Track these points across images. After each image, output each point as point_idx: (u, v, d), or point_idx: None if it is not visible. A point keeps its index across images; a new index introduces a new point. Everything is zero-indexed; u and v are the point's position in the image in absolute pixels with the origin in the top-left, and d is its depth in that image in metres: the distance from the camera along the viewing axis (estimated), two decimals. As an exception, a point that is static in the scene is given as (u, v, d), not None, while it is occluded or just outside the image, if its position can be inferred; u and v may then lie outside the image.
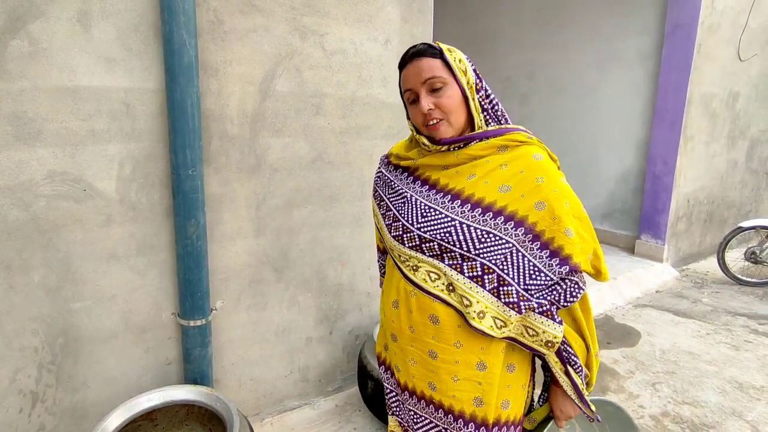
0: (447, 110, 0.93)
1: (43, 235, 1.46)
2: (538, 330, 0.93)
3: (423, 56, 0.93)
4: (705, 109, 4.17)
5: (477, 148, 0.96)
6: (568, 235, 0.90)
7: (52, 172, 1.45)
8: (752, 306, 3.56)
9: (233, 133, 1.75)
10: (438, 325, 0.96)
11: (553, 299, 0.93)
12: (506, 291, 0.91)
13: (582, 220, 0.94)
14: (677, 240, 4.36)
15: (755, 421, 2.15)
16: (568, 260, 0.90)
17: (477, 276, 0.92)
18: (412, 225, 0.97)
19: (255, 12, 1.71)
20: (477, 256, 0.91)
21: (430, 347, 0.99)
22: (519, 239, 0.91)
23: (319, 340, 2.15)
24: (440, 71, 0.93)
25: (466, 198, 0.94)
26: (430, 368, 1.00)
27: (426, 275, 0.97)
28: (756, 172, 5.10)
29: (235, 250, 1.85)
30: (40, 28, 1.36)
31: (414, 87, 0.94)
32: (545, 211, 0.90)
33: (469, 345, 0.95)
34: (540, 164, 0.93)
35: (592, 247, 0.94)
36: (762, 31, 4.49)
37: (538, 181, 0.91)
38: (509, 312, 0.91)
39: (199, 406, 1.60)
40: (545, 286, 0.92)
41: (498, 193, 0.92)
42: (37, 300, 1.48)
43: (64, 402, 1.58)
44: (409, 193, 1.01)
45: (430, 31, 2.21)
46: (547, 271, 0.91)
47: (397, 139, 2.19)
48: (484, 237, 0.91)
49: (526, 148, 0.96)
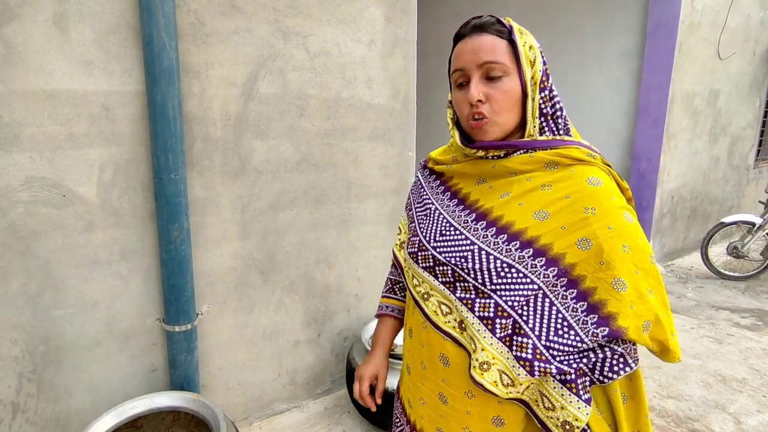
0: (499, 107, 0.75)
1: (21, 242, 1.43)
2: (555, 403, 0.73)
3: (486, 32, 0.75)
4: (687, 107, 4.24)
5: (519, 160, 0.78)
6: (617, 288, 0.69)
7: (30, 178, 1.42)
8: (735, 300, 3.62)
9: (216, 136, 1.74)
10: (448, 367, 0.81)
11: (584, 368, 0.72)
12: (520, 343, 0.73)
13: (648, 273, 0.72)
14: (662, 236, 4.43)
15: (737, 413, 2.19)
16: (611, 321, 0.69)
17: (488, 317, 0.75)
18: (428, 243, 0.84)
19: (237, 13, 1.70)
20: (492, 293, 0.75)
21: (440, 390, 0.83)
22: (548, 281, 0.72)
23: (307, 343, 2.14)
24: (503, 56, 0.74)
25: (493, 220, 0.78)
26: (440, 413, 0.85)
27: (437, 307, 0.82)
28: (737, 167, 5.20)
29: (220, 253, 1.83)
30: (14, 31, 1.33)
31: (466, 67, 0.76)
32: (590, 252, 0.70)
33: (483, 397, 0.78)
34: (595, 191, 0.73)
35: (653, 312, 0.71)
36: (740, 30, 4.58)
37: (588, 212, 0.71)
38: (519, 369, 0.72)
39: (186, 412, 1.58)
40: (574, 348, 0.71)
41: (531, 219, 0.74)
42: (16, 308, 1.45)
43: (46, 412, 1.55)
44: (435, 205, 0.88)
45: (414, 31, 2.21)
46: (580, 330, 0.71)
47: (383, 141, 2.19)
48: (505, 271, 0.74)
49: (582, 168, 0.76)
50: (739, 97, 4.87)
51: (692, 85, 4.21)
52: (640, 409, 0.78)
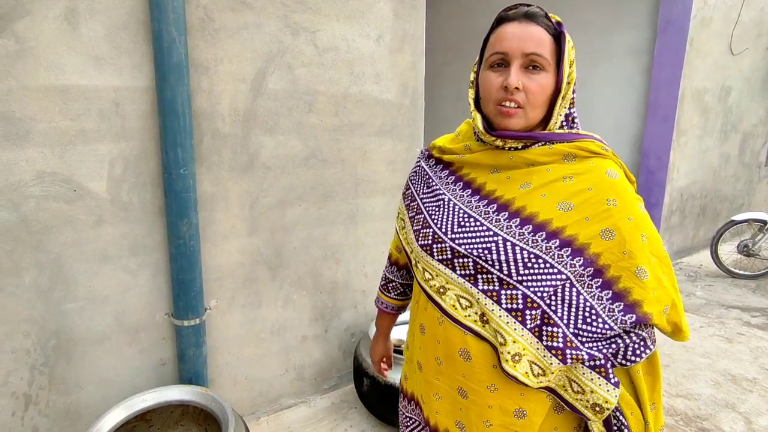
0: (533, 100, 0.75)
1: (33, 237, 1.44)
2: (585, 388, 0.75)
3: (537, 23, 0.76)
4: (698, 104, 4.19)
5: (538, 152, 0.78)
6: (640, 277, 0.73)
7: (42, 173, 1.43)
8: (745, 299, 3.59)
9: (225, 131, 1.74)
10: (469, 362, 0.80)
11: (610, 354, 0.75)
12: (551, 333, 0.74)
13: (662, 260, 0.77)
14: (671, 234, 4.39)
15: (747, 412, 2.17)
16: (636, 308, 0.73)
17: (517, 309, 0.75)
18: (445, 234, 0.81)
19: (245, 9, 1.70)
20: (519, 284, 0.75)
21: (459, 384, 0.83)
22: (576, 271, 0.74)
23: (314, 339, 2.15)
24: (548, 51, 0.75)
25: (516, 210, 0.77)
26: (459, 407, 0.85)
27: (455, 300, 0.80)
28: (748, 165, 5.13)
29: (228, 249, 1.84)
30: (26, 27, 1.34)
31: (510, 52, 0.75)
32: (614, 242, 0.73)
33: (506, 389, 0.79)
34: (614, 183, 0.76)
35: (670, 297, 0.76)
36: (754, 25, 4.51)
37: (609, 204, 0.74)
38: (551, 359, 0.74)
39: (194, 406, 1.60)
40: (601, 335, 0.74)
41: (556, 210, 0.75)
42: (28, 302, 1.47)
43: (58, 404, 1.57)
44: (447, 195, 0.86)
45: (423, 27, 2.20)
46: (607, 317, 0.73)
47: (391, 136, 2.18)
48: (532, 261, 0.74)
49: (600, 161, 0.78)
50: (752, 93, 4.80)
51: (703, 81, 4.16)
52: (656, 382, 0.82)
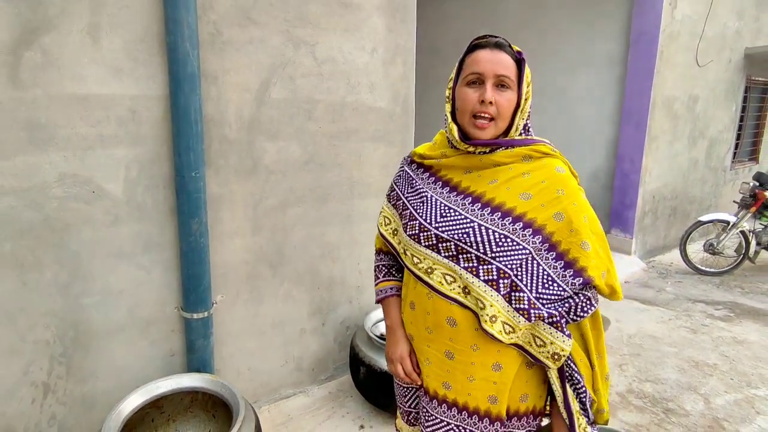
0: (501, 112, 0.94)
1: (55, 235, 1.55)
2: (545, 340, 0.92)
3: (504, 51, 0.95)
4: (668, 111, 4.47)
5: (502, 155, 0.97)
6: (584, 248, 0.91)
7: (63, 175, 1.54)
8: (710, 293, 3.85)
9: (231, 137, 1.87)
10: (455, 327, 0.97)
11: (564, 311, 0.92)
12: (518, 297, 0.92)
13: (599, 236, 0.95)
14: (644, 234, 4.65)
15: (707, 393, 2.39)
16: (582, 273, 0.91)
17: (492, 280, 0.92)
18: (429, 224, 0.99)
19: (251, 24, 1.83)
20: (493, 260, 0.92)
21: (447, 348, 1.00)
22: (536, 247, 0.92)
23: (312, 332, 2.28)
24: (513, 74, 0.94)
25: (487, 202, 0.95)
26: (446, 368, 1.01)
27: (442, 278, 0.97)
28: (714, 169, 5.45)
29: (233, 247, 1.96)
30: (52, 40, 1.45)
31: (484, 73, 0.93)
32: (563, 223, 0.92)
33: (485, 347, 0.96)
34: (561, 177, 0.96)
35: (606, 265, 0.94)
36: (717, 39, 4.82)
37: (559, 192, 0.93)
38: (519, 318, 0.92)
39: (203, 393, 1.71)
40: (557, 297, 0.92)
41: (519, 199, 0.94)
42: (49, 296, 1.57)
43: (75, 392, 1.67)
44: (429, 192, 1.03)
45: (413, 39, 2.36)
46: (561, 282, 0.92)
47: (384, 142, 2.34)
48: (502, 241, 0.92)
49: (550, 160, 0.98)
50: (717, 102, 5.12)
51: (672, 90, 4.44)
52: (600, 336, 1.00)
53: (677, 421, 2.18)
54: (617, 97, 4.52)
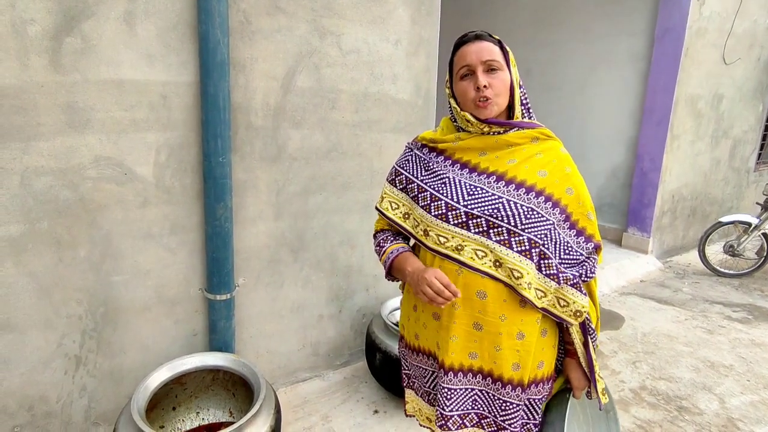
0: (497, 91, 1.03)
1: (89, 214, 1.61)
2: (569, 300, 1.05)
3: (484, 40, 1.04)
4: (691, 110, 4.39)
5: (515, 136, 1.06)
6: (589, 218, 1.07)
7: (98, 157, 1.59)
8: (728, 295, 3.80)
9: (257, 124, 1.91)
10: (485, 299, 1.05)
11: (580, 273, 1.06)
12: (547, 264, 1.03)
13: (592, 207, 1.11)
14: (662, 233, 4.60)
15: (722, 394, 2.37)
16: (592, 238, 1.07)
17: (525, 250, 1.02)
18: (457, 203, 1.05)
19: (279, 13, 1.86)
20: (523, 231, 1.01)
21: (475, 320, 1.07)
22: (556, 218, 1.04)
23: (329, 318, 2.33)
24: (498, 56, 1.04)
25: (510, 179, 1.04)
26: (474, 339, 1.08)
27: (473, 253, 1.03)
28: (738, 170, 5.34)
29: (255, 232, 2.01)
30: (91, 27, 1.50)
31: (472, 63, 1.03)
32: (574, 196, 1.06)
33: (512, 317, 1.05)
34: (566, 157, 1.10)
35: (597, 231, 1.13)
36: (746, 36, 4.71)
37: (567, 170, 1.07)
38: (550, 283, 1.03)
39: (224, 371, 1.77)
40: (575, 261, 1.06)
41: (537, 176, 1.05)
42: (82, 272, 1.64)
43: (104, 366, 1.74)
44: (450, 174, 1.09)
45: (437, 32, 2.37)
46: (577, 248, 1.06)
47: (405, 133, 2.36)
48: (530, 213, 1.02)
49: (553, 142, 1.11)
50: (743, 101, 5.00)
51: (697, 88, 4.35)
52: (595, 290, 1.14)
53: (691, 419, 2.18)
54: (639, 94, 4.46)
